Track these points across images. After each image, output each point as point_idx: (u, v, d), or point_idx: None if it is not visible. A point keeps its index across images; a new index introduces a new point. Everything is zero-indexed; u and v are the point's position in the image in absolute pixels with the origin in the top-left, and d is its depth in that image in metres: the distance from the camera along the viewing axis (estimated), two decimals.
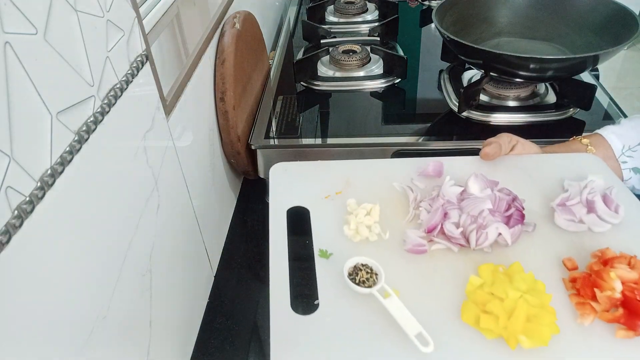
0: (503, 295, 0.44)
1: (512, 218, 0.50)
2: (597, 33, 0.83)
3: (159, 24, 0.58)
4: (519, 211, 0.51)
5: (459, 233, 0.50)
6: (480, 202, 0.52)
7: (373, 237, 0.52)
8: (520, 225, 0.50)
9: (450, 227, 0.50)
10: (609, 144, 0.63)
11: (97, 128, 0.40)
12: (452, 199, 0.53)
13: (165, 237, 0.53)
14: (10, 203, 0.30)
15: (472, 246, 0.49)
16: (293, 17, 1.29)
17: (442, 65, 0.96)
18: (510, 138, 0.62)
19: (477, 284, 0.46)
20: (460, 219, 0.51)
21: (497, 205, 0.52)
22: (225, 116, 0.74)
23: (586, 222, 0.51)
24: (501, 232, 0.49)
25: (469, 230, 0.50)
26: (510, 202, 0.52)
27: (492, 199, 0.52)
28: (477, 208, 0.51)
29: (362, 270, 0.46)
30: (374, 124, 0.83)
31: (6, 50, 0.30)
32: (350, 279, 0.46)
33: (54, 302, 0.34)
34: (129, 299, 0.45)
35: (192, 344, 0.62)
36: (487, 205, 0.51)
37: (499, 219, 0.50)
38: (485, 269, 0.47)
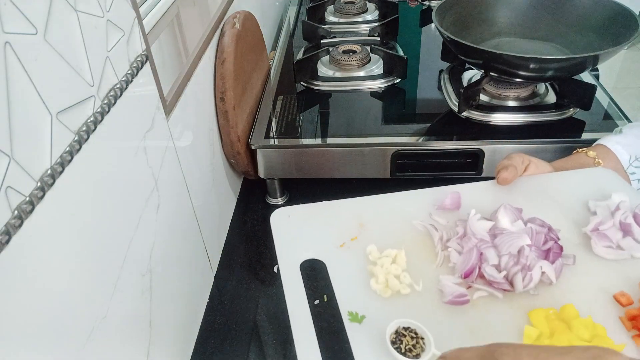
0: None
1: (551, 252, 0.46)
2: (597, 33, 0.83)
3: (159, 24, 0.58)
4: (556, 243, 0.47)
5: (502, 277, 0.45)
6: (517, 238, 0.47)
7: (405, 289, 0.46)
8: (560, 259, 0.46)
9: (491, 271, 0.45)
10: (615, 155, 0.61)
11: (97, 128, 0.40)
12: (483, 236, 0.49)
13: (165, 237, 0.53)
14: (10, 203, 0.30)
15: (517, 290, 0.45)
16: (293, 17, 1.29)
17: (442, 65, 0.96)
18: (522, 158, 0.59)
19: (534, 335, 0.41)
20: (500, 261, 0.46)
21: (535, 240, 0.48)
22: (225, 116, 0.74)
23: (624, 247, 0.48)
24: (545, 270, 0.45)
25: (513, 272, 0.45)
26: (546, 233, 0.48)
27: (529, 233, 0.48)
28: (515, 245, 0.47)
29: (406, 335, 0.40)
30: (374, 124, 0.83)
31: (6, 50, 0.30)
32: (395, 347, 0.39)
33: (54, 302, 0.34)
34: (129, 299, 0.45)
35: (192, 344, 0.62)
36: (525, 240, 0.47)
37: (538, 254, 0.46)
38: (537, 315, 0.43)
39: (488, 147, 0.76)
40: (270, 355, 0.61)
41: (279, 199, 0.85)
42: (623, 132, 0.64)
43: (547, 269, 0.45)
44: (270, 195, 0.85)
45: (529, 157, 0.60)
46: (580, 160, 0.62)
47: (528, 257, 0.46)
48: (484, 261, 0.47)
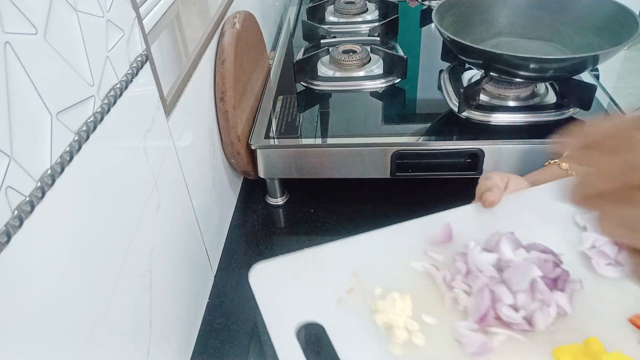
0: None
1: (559, 280, 0.43)
2: (597, 33, 0.83)
3: (159, 24, 0.58)
4: (562, 269, 0.45)
5: (520, 318, 0.42)
6: (526, 270, 0.43)
7: (418, 339, 0.41)
8: (569, 285, 0.44)
9: (508, 312, 0.42)
10: None
11: (97, 128, 0.40)
12: (490, 271, 0.45)
13: (165, 237, 0.53)
14: (10, 203, 0.30)
15: (538, 329, 0.42)
16: (293, 17, 1.29)
17: (442, 65, 0.96)
18: (501, 176, 0.57)
19: None
20: (516, 299, 0.43)
21: (544, 269, 0.44)
22: (225, 116, 0.74)
23: (623, 262, 0.45)
24: (560, 303, 0.43)
25: (531, 310, 0.42)
26: (550, 259, 0.45)
27: (536, 262, 0.44)
28: (526, 279, 0.43)
29: None
30: (374, 124, 0.83)
31: (6, 50, 0.30)
32: None
33: (53, 302, 0.34)
34: (129, 299, 0.45)
35: (192, 344, 0.62)
36: (535, 272, 0.43)
37: (548, 284, 0.44)
38: (563, 354, 0.40)
39: (488, 147, 0.76)
40: (270, 355, 0.61)
41: (279, 199, 0.85)
42: None
43: (562, 301, 0.43)
44: (270, 195, 0.85)
45: (508, 173, 0.58)
46: (555, 172, 0.61)
47: (543, 292, 0.42)
48: (498, 301, 0.43)
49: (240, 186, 0.88)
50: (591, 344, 0.41)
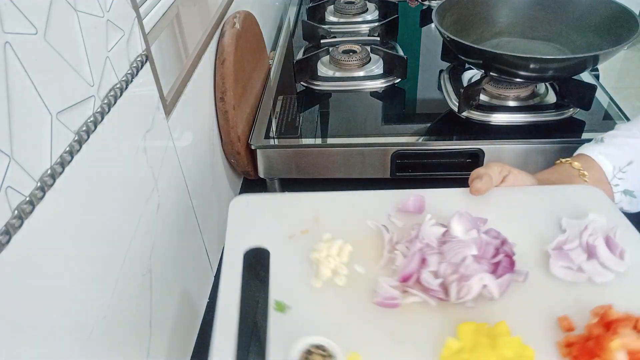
0: None
1: (500, 266, 0.44)
2: (597, 33, 0.83)
3: (159, 24, 0.58)
4: (508, 257, 0.44)
5: (437, 284, 0.43)
6: (463, 246, 0.45)
7: (341, 280, 0.45)
8: (509, 274, 0.44)
9: (427, 277, 0.44)
10: (599, 166, 0.59)
11: (97, 128, 0.40)
12: (432, 241, 0.47)
13: (165, 237, 0.53)
14: (10, 203, 0.30)
15: (452, 300, 0.43)
16: (293, 17, 1.29)
17: (442, 65, 0.96)
18: (501, 168, 0.56)
19: (455, 348, 0.39)
20: (439, 268, 0.44)
21: (483, 251, 0.45)
22: (225, 116, 0.74)
23: (586, 270, 0.44)
24: (486, 283, 0.43)
25: (449, 281, 0.43)
26: (499, 246, 0.45)
27: (477, 243, 0.45)
28: (459, 254, 0.44)
29: (314, 353, 0.38)
30: (374, 124, 0.83)
31: (6, 50, 0.30)
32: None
33: (54, 302, 0.34)
34: (129, 299, 0.45)
35: (192, 344, 0.62)
36: (471, 250, 0.44)
37: (485, 266, 0.44)
38: (466, 329, 0.40)
39: (488, 147, 0.76)
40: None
41: None
42: (605, 142, 0.61)
43: (490, 282, 0.42)
44: None
45: (509, 167, 0.57)
46: (566, 171, 0.60)
47: (468, 267, 0.43)
48: (425, 267, 0.45)
49: (240, 186, 0.88)
50: (499, 326, 0.40)
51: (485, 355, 0.38)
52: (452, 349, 0.39)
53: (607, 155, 0.60)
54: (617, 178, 0.59)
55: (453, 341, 0.39)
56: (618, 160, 0.59)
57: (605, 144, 0.61)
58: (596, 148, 0.61)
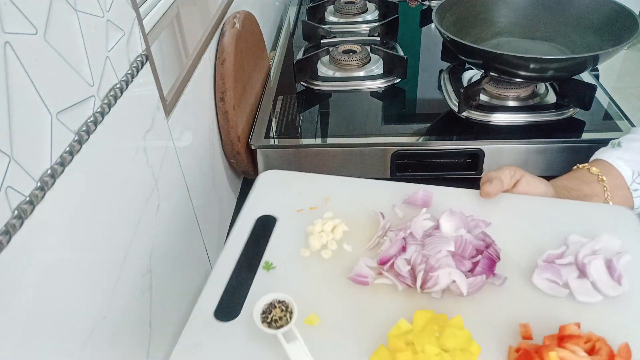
0: (420, 347, 0.38)
1: (478, 266, 0.44)
2: (597, 33, 0.83)
3: (159, 24, 0.58)
4: (488, 260, 0.44)
5: (407, 271, 0.45)
6: (442, 242, 0.46)
7: (327, 254, 0.49)
8: (485, 276, 0.44)
9: (400, 263, 0.45)
10: (618, 171, 0.58)
11: (97, 128, 0.40)
12: (417, 232, 0.48)
13: (165, 237, 0.53)
14: (10, 203, 0.30)
15: (417, 288, 0.44)
16: (293, 17, 1.29)
17: (442, 65, 0.96)
18: (513, 172, 0.55)
19: (404, 329, 0.40)
20: (412, 256, 0.46)
21: (462, 249, 0.45)
22: (225, 116, 0.74)
23: (572, 287, 0.43)
24: (455, 279, 0.43)
25: (418, 269, 0.44)
26: (482, 248, 0.46)
27: (457, 240, 0.46)
28: (436, 247, 0.45)
29: (277, 307, 0.42)
30: (374, 124, 0.83)
31: (6, 50, 0.30)
32: (263, 316, 0.41)
33: (54, 302, 0.34)
34: (129, 299, 0.45)
35: None
36: (448, 246, 0.45)
37: (463, 264, 0.44)
38: (422, 315, 0.41)
39: (488, 147, 0.76)
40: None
41: None
42: (622, 147, 0.61)
43: (458, 278, 0.43)
44: None
45: (523, 172, 0.56)
46: (584, 177, 0.59)
47: (439, 260, 0.44)
48: (402, 254, 0.47)
49: (240, 186, 0.88)
50: (454, 319, 0.41)
51: (429, 341, 0.39)
52: (400, 329, 0.41)
53: (626, 160, 0.59)
54: (636, 183, 0.58)
55: (404, 323, 0.41)
56: (637, 165, 0.59)
57: (623, 149, 0.60)
58: (614, 153, 0.60)
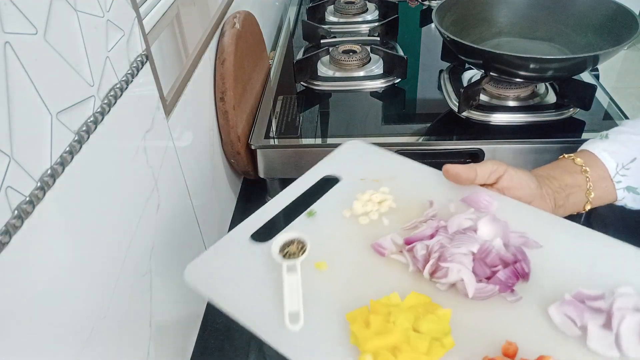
0: (393, 318, 0.39)
1: (495, 276, 0.43)
2: (597, 33, 0.83)
3: (159, 24, 0.58)
4: (509, 274, 0.43)
5: (422, 255, 0.45)
6: (468, 241, 0.45)
7: (364, 220, 0.52)
8: (498, 287, 0.42)
9: (419, 246, 0.46)
10: (602, 163, 0.59)
11: (97, 128, 0.40)
12: (451, 227, 0.48)
13: (165, 237, 0.53)
14: (10, 203, 0.30)
15: (425, 273, 0.44)
16: (293, 17, 1.29)
17: (442, 65, 0.96)
18: (496, 166, 0.54)
19: (393, 301, 0.41)
20: (432, 244, 0.46)
21: (485, 254, 0.44)
22: (225, 116, 0.74)
23: (589, 331, 0.39)
24: (464, 277, 0.42)
25: (432, 256, 0.44)
26: (509, 261, 0.44)
27: (483, 244, 0.45)
28: (459, 244, 0.45)
29: (295, 244, 0.48)
30: (374, 124, 0.83)
31: (6, 50, 0.30)
32: (282, 247, 0.48)
33: (53, 302, 0.34)
34: (129, 299, 0.45)
35: (192, 344, 0.62)
36: (472, 247, 0.44)
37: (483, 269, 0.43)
38: (415, 297, 0.42)
39: (488, 147, 0.76)
40: (270, 355, 0.61)
41: None
42: (610, 138, 0.61)
43: (467, 279, 0.42)
44: (270, 195, 0.85)
45: (506, 167, 0.55)
46: (568, 167, 0.59)
47: (454, 255, 0.43)
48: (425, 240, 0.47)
49: (240, 186, 0.88)
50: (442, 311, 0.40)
51: (406, 318, 0.39)
52: (390, 300, 0.42)
53: (611, 152, 0.59)
54: (619, 175, 0.59)
55: (395, 296, 0.42)
56: (622, 157, 0.59)
57: (610, 140, 0.60)
58: (600, 144, 0.60)
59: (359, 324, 0.40)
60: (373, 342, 0.38)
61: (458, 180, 0.54)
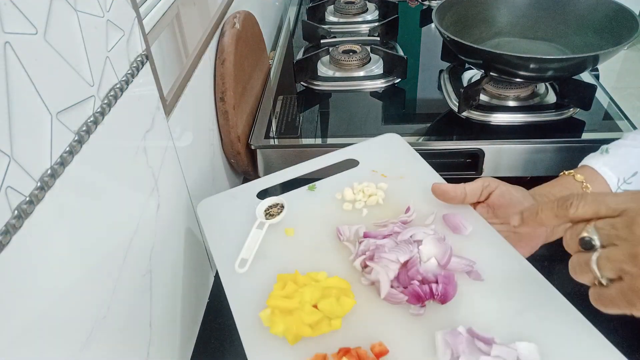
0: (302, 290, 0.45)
1: (408, 288, 0.46)
2: (597, 33, 0.83)
3: (159, 24, 0.58)
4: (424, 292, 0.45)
5: (361, 250, 0.50)
6: (401, 250, 0.48)
7: (347, 207, 0.57)
8: (406, 297, 0.45)
9: (365, 243, 0.50)
10: (603, 178, 0.58)
11: (97, 128, 0.40)
12: (402, 235, 0.50)
13: (165, 237, 0.53)
14: (10, 203, 0.30)
15: (354, 264, 0.49)
16: (293, 17, 1.29)
17: (442, 65, 0.96)
18: (487, 183, 0.54)
19: (317, 277, 0.47)
20: (371, 240, 0.50)
21: (410, 267, 0.47)
22: (225, 116, 0.74)
23: None
24: (380, 280, 0.46)
25: (367, 251, 0.49)
26: (429, 280, 0.46)
27: (411, 258, 0.47)
28: (393, 251, 0.48)
29: (278, 207, 0.57)
30: (374, 124, 0.83)
31: (6, 50, 0.30)
32: (267, 207, 0.57)
33: (53, 302, 0.34)
34: (129, 299, 0.45)
35: (192, 344, 0.62)
36: (401, 257, 0.47)
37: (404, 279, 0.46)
38: (336, 281, 0.47)
39: (488, 147, 0.76)
40: None
41: None
42: (610, 153, 0.60)
43: (382, 280, 0.46)
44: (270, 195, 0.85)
45: (498, 183, 0.55)
46: (568, 184, 0.58)
47: (382, 258, 0.47)
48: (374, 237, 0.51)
49: None
50: (346, 300, 0.45)
51: (311, 294, 0.44)
52: (316, 275, 0.47)
53: (612, 167, 0.58)
54: (621, 189, 0.58)
55: (323, 274, 0.48)
56: (623, 171, 0.58)
57: (610, 155, 0.60)
58: (601, 159, 0.59)
59: (280, 284, 0.47)
60: (276, 300, 0.45)
61: (445, 198, 0.55)
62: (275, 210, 0.56)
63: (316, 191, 0.60)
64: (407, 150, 0.65)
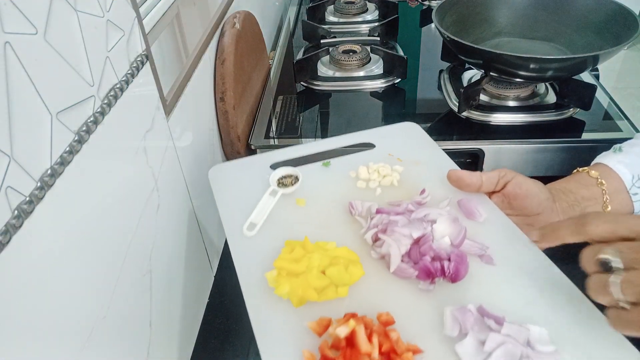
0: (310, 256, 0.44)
1: (419, 263, 0.45)
2: (597, 33, 0.83)
3: (159, 24, 0.58)
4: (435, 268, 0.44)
5: (373, 224, 0.49)
6: (414, 226, 0.47)
7: (361, 185, 0.57)
8: (415, 272, 0.44)
9: (377, 218, 0.50)
10: (617, 175, 0.57)
11: (97, 128, 0.40)
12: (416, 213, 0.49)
13: (165, 237, 0.53)
14: (10, 203, 0.30)
15: (365, 236, 0.49)
16: (293, 17, 1.29)
17: (442, 65, 0.96)
18: (504, 174, 0.54)
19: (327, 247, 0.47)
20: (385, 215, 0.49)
21: (422, 243, 0.46)
22: (225, 116, 0.74)
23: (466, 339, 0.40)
24: (391, 252, 0.45)
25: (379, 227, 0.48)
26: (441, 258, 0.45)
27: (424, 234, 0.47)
28: (407, 226, 0.47)
29: (292, 178, 0.57)
30: (374, 124, 0.82)
31: (6, 50, 0.30)
32: (281, 176, 0.58)
33: (53, 302, 0.34)
34: (129, 299, 0.45)
35: (192, 344, 0.62)
36: (415, 232, 0.46)
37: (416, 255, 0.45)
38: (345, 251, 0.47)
39: (488, 147, 0.76)
40: None
41: None
42: (624, 151, 0.60)
43: (393, 254, 0.45)
44: None
45: (515, 174, 0.54)
46: (583, 180, 0.58)
47: (394, 232, 0.47)
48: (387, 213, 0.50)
49: None
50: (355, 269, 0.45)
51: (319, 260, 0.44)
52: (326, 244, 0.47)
53: (626, 164, 0.58)
54: (635, 187, 0.58)
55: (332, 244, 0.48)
56: (637, 168, 0.58)
57: (624, 153, 0.60)
58: (614, 157, 0.59)
59: (288, 248, 0.47)
60: (283, 262, 0.45)
61: (460, 185, 0.54)
62: (288, 181, 0.57)
63: (330, 167, 0.60)
64: (426, 139, 0.64)
